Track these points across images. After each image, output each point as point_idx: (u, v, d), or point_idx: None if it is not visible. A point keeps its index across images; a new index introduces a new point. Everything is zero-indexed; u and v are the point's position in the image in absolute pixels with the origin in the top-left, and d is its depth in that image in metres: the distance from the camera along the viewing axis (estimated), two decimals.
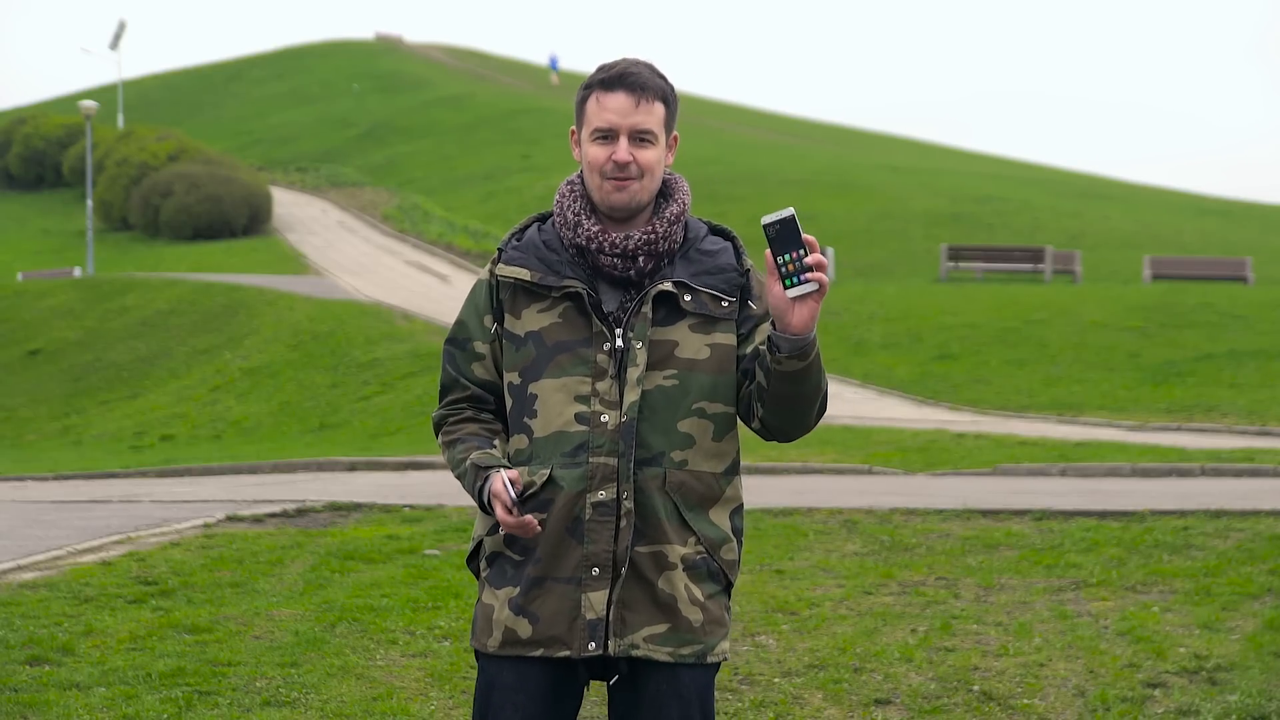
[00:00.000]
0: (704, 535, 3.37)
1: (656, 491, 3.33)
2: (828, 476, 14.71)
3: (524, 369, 3.38)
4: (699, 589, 3.36)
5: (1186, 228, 51.23)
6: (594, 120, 3.38)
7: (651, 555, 3.33)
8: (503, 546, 3.39)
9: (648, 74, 3.39)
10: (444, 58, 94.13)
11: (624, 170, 3.36)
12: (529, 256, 3.42)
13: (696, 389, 3.35)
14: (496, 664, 3.38)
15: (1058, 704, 6.35)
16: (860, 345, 26.34)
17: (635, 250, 3.36)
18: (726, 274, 3.40)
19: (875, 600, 8.02)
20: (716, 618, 3.38)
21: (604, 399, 3.33)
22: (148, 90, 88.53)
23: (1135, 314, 27.52)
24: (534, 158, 60.48)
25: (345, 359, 27.14)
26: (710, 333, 3.37)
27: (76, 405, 28.65)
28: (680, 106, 3.50)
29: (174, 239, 51.91)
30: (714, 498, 3.39)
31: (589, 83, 3.41)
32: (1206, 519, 10.04)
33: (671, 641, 3.33)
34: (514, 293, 3.41)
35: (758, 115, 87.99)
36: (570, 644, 3.31)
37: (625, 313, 3.36)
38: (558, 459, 3.33)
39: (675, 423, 3.34)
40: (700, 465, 3.37)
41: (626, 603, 3.32)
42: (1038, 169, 76.89)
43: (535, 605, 3.33)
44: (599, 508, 3.31)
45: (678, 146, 3.48)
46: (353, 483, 14.85)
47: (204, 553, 9.11)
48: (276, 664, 6.59)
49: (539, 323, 3.38)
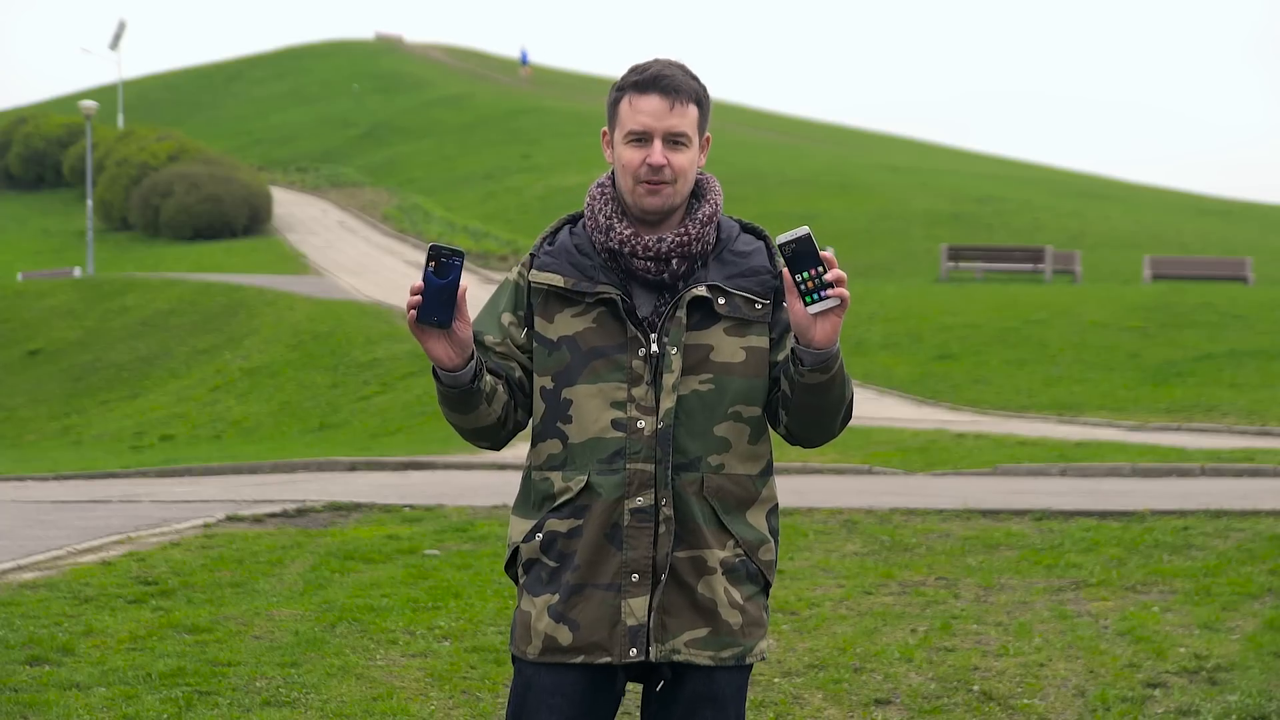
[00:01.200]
0: (742, 538, 3.37)
1: (694, 496, 3.33)
2: (828, 476, 14.71)
3: (557, 374, 3.37)
4: (738, 591, 3.36)
5: (1186, 228, 51.23)
6: (628, 123, 3.36)
7: (691, 560, 3.33)
8: (538, 553, 3.38)
9: (681, 76, 3.38)
10: (444, 58, 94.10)
11: (658, 174, 3.34)
12: (562, 262, 3.39)
13: (732, 393, 3.35)
14: (534, 669, 3.38)
15: (1058, 704, 6.35)
16: (860, 345, 26.33)
17: (668, 253, 3.35)
18: (760, 276, 3.39)
19: (875, 600, 8.02)
20: (755, 619, 3.39)
21: (640, 405, 3.32)
22: (148, 90, 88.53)
23: (1135, 314, 27.51)
24: (534, 158, 60.48)
25: (345, 359, 27.14)
26: (745, 335, 3.36)
27: (76, 405, 28.65)
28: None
29: (174, 239, 51.91)
30: (750, 500, 3.39)
31: (622, 84, 3.40)
32: (1206, 519, 10.04)
33: (712, 645, 3.34)
34: (546, 297, 3.39)
35: (758, 115, 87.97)
36: (611, 650, 3.31)
37: (660, 317, 3.35)
38: (594, 465, 3.33)
39: (712, 427, 3.34)
40: (737, 469, 3.37)
41: (667, 608, 3.32)
42: (1038, 169, 76.90)
43: (575, 612, 3.32)
44: (637, 514, 3.30)
45: (710, 147, 3.47)
46: (353, 483, 14.85)
47: (204, 553, 9.11)
48: (276, 664, 6.59)
49: (573, 328, 3.36)
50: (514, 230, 47.03)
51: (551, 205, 50.79)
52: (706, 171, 3.50)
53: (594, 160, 56.12)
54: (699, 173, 3.46)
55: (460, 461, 16.97)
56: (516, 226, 47.97)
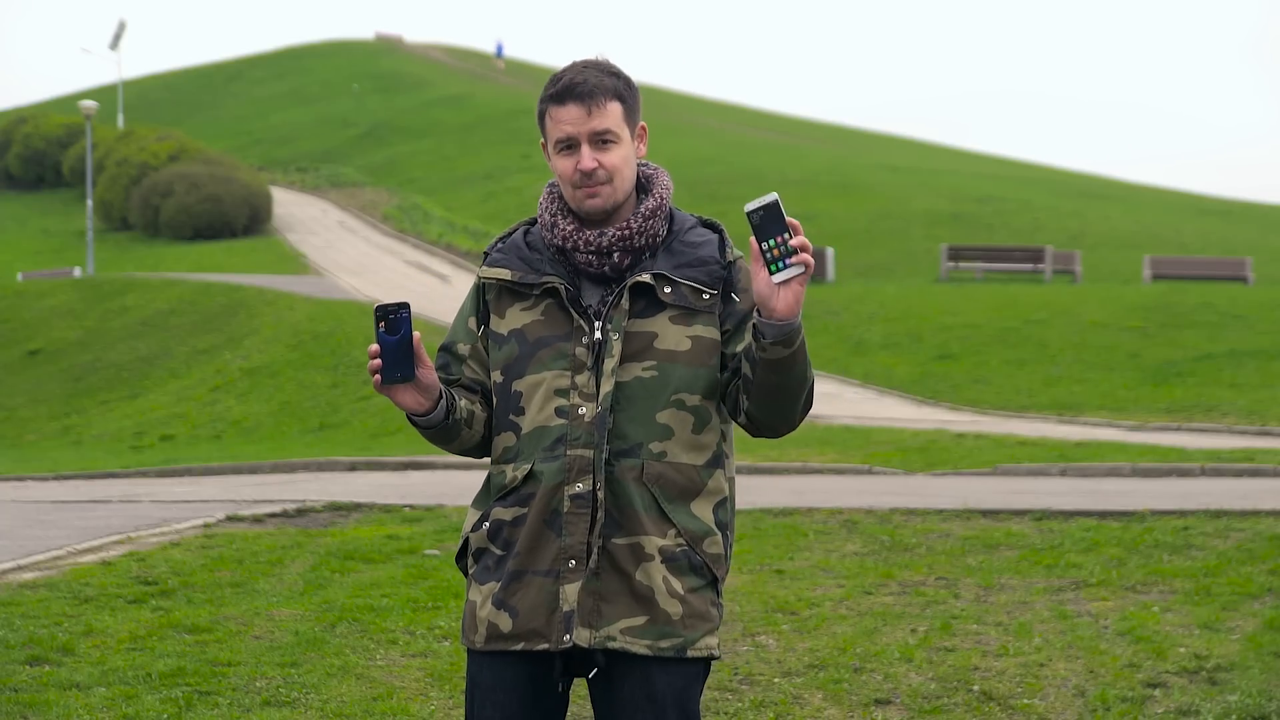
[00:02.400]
0: (684, 528, 3.35)
1: (633, 483, 3.33)
2: (828, 476, 14.71)
3: (506, 367, 3.40)
4: (679, 582, 3.34)
5: (1186, 228, 51.25)
6: (553, 134, 3.39)
7: (629, 547, 3.32)
8: (486, 542, 3.40)
9: (595, 77, 3.37)
10: (444, 58, 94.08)
11: (591, 177, 3.36)
12: (510, 258, 3.45)
13: (675, 380, 3.35)
14: (478, 661, 3.40)
15: (1058, 704, 6.35)
16: (860, 345, 26.34)
17: (609, 247, 3.38)
18: (708, 266, 3.40)
19: (875, 600, 8.02)
20: (699, 612, 3.35)
21: (582, 392, 3.34)
22: (148, 90, 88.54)
23: (1135, 314, 27.52)
24: (534, 158, 60.45)
25: (345, 359, 27.14)
26: (691, 324, 3.37)
27: (76, 405, 28.65)
28: (680, 106, 3.51)
29: (174, 239, 51.92)
30: (695, 490, 3.38)
31: (542, 97, 3.42)
32: (1206, 519, 10.04)
33: (650, 634, 3.31)
34: (498, 293, 3.44)
35: (758, 115, 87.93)
36: (549, 637, 3.31)
37: (605, 306, 3.37)
38: (539, 453, 3.35)
39: (653, 414, 3.34)
40: (679, 457, 3.36)
41: (603, 594, 3.31)
42: (1038, 169, 76.90)
43: (515, 599, 3.34)
44: (576, 500, 3.31)
45: (648, 137, 3.47)
46: (353, 483, 14.85)
47: (204, 553, 9.12)
48: (276, 664, 6.60)
49: (521, 320, 3.40)
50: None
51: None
52: (654, 162, 3.50)
53: None
54: (646, 165, 3.48)
55: (460, 462, 16.97)
56: None
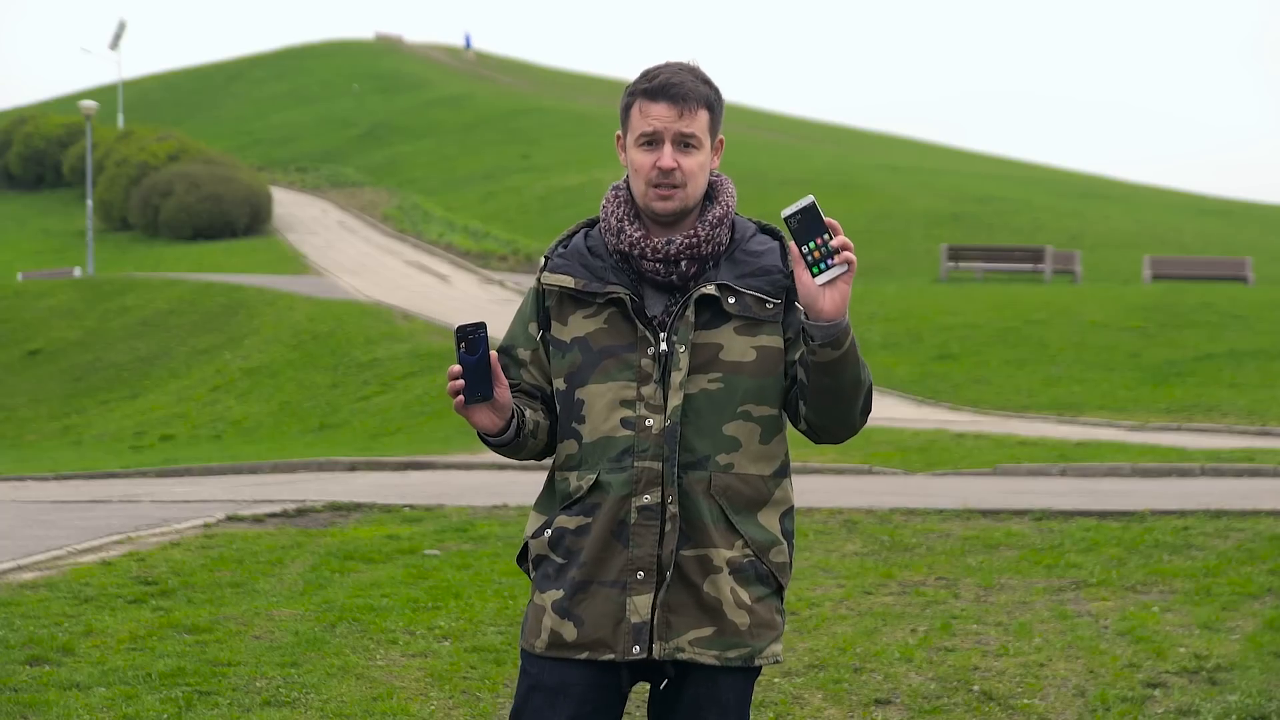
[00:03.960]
0: (752, 538, 3.36)
1: (702, 495, 3.33)
2: (828, 476, 14.71)
3: (569, 374, 3.39)
4: (746, 592, 3.35)
5: (1186, 228, 51.26)
6: (638, 126, 3.37)
7: (697, 559, 3.33)
8: (547, 550, 3.40)
9: (690, 82, 3.37)
10: (444, 58, 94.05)
11: (668, 177, 3.35)
12: (573, 264, 3.42)
13: (742, 392, 3.35)
14: (539, 664, 3.39)
15: (1058, 704, 6.35)
16: (861, 345, 26.30)
17: (677, 255, 3.36)
18: (771, 275, 3.39)
19: (875, 600, 8.01)
20: (766, 620, 3.38)
21: (649, 403, 3.33)
22: (148, 90, 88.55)
23: (1135, 314, 27.52)
24: (534, 158, 60.50)
25: (345, 359, 27.15)
26: (755, 335, 3.36)
27: (76, 405, 28.65)
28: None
29: (174, 239, 51.93)
30: (762, 500, 3.39)
31: (633, 89, 3.40)
32: (1206, 519, 10.04)
33: (718, 645, 3.33)
34: (560, 300, 3.42)
35: (758, 115, 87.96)
36: (615, 647, 3.32)
37: (669, 317, 3.36)
38: (604, 464, 3.34)
39: (721, 426, 3.34)
40: (747, 468, 3.36)
41: (672, 606, 3.32)
42: (1038, 169, 76.92)
43: (580, 608, 3.34)
44: (644, 511, 3.31)
45: (724, 149, 3.47)
46: (353, 483, 14.86)
47: (204, 553, 9.11)
48: (276, 664, 6.59)
49: (585, 328, 3.39)
50: (514, 230, 47.05)
51: (551, 205, 50.83)
52: (721, 173, 3.50)
53: (594, 160, 56.15)
54: (713, 174, 3.47)
55: (460, 461, 16.97)
56: (516, 226, 47.99)
